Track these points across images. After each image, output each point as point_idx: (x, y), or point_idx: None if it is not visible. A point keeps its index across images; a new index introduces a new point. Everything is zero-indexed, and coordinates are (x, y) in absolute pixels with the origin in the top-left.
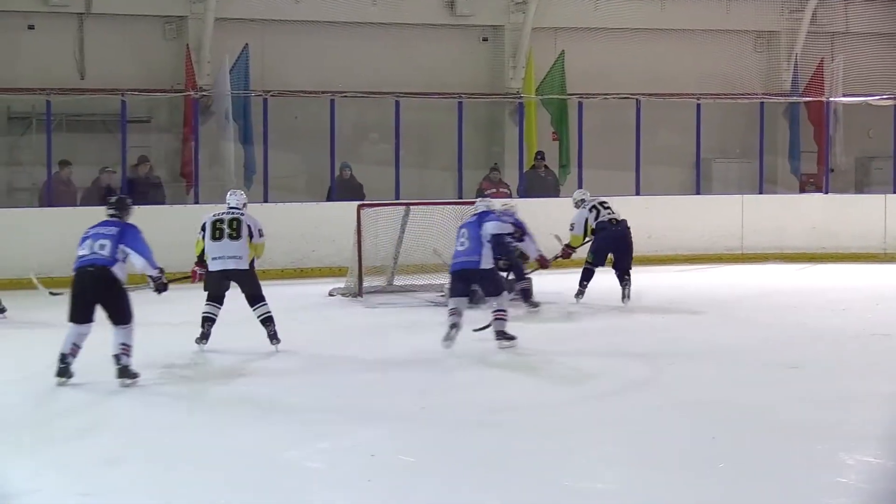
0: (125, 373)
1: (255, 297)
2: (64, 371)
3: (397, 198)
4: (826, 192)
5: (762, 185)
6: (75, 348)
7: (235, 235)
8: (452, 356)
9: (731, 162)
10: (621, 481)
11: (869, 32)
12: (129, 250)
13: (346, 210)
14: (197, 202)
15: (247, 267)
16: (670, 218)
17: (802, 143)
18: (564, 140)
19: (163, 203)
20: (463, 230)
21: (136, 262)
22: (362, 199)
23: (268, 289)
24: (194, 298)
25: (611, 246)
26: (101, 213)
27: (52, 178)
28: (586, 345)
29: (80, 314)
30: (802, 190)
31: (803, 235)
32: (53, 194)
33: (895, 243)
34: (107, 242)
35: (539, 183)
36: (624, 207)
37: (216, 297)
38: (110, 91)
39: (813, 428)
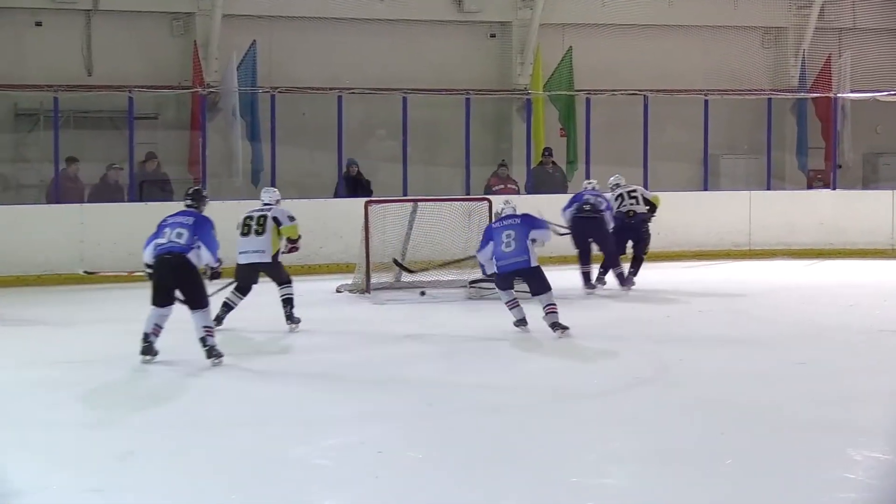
0: (212, 352)
1: (281, 281)
2: (147, 349)
3: (405, 194)
4: (834, 188)
5: (770, 181)
6: (157, 328)
7: (261, 231)
8: (459, 352)
9: (739, 158)
10: (629, 478)
11: (876, 28)
12: (200, 242)
13: (353, 206)
14: None
15: (269, 260)
16: (678, 214)
17: (810, 139)
18: (572, 136)
19: (170, 200)
20: (508, 231)
21: (203, 253)
22: (370, 196)
23: (274, 286)
24: None
25: (621, 237)
26: (108, 209)
27: (60, 175)
28: (593, 341)
29: (161, 298)
30: (810, 186)
31: (811, 231)
32: (60, 191)
33: None
34: (184, 231)
35: (547, 179)
36: None
37: (242, 289)
38: (118, 87)
39: (820, 424)
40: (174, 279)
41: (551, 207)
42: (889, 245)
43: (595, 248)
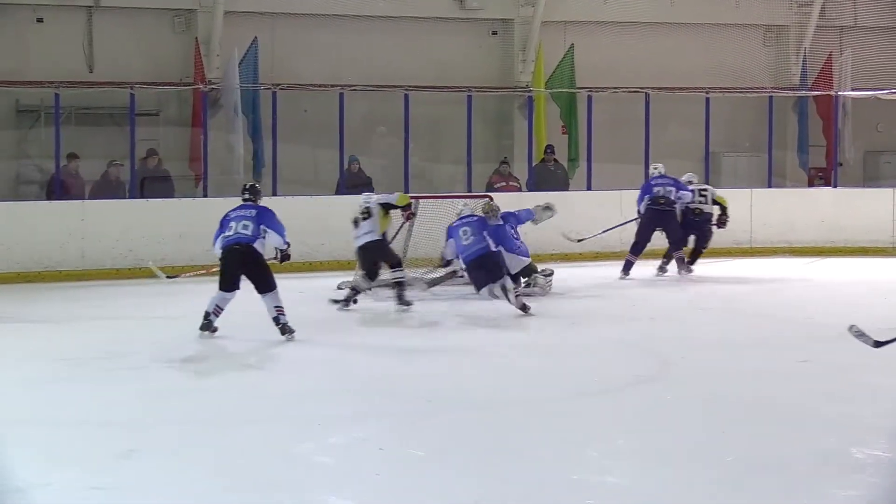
0: (286, 329)
1: (393, 265)
2: (206, 326)
3: (406, 191)
4: (835, 186)
5: (771, 178)
6: (218, 309)
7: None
8: (460, 349)
9: (740, 156)
10: (631, 475)
11: (878, 26)
12: (267, 228)
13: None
14: (206, 195)
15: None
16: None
17: (811, 137)
18: (573, 134)
19: (172, 196)
20: (465, 228)
21: (273, 238)
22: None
23: (277, 282)
24: (199, 293)
25: (686, 231)
26: (109, 205)
27: (60, 172)
28: (595, 338)
29: (228, 284)
30: (811, 184)
31: (812, 229)
32: (61, 187)
33: None
34: (249, 223)
35: (548, 176)
36: (632, 201)
37: (370, 273)
38: (119, 84)
39: (822, 422)
40: (243, 267)
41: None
42: (890, 243)
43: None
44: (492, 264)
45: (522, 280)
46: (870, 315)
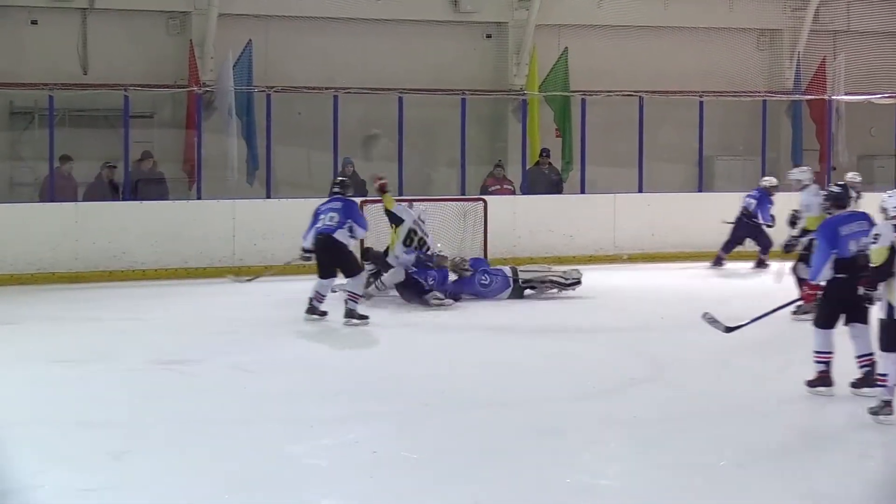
0: (351, 314)
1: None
2: (312, 310)
3: (400, 194)
4: None
5: None
6: (319, 295)
7: None
8: (454, 353)
9: (734, 159)
10: (625, 478)
11: (871, 31)
12: (351, 221)
13: None
14: (199, 198)
15: None
16: (673, 215)
17: (805, 141)
18: (567, 137)
19: (166, 198)
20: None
21: (357, 231)
22: (365, 196)
23: (271, 285)
24: (190, 294)
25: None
26: (103, 207)
27: (54, 173)
28: (589, 342)
29: (323, 272)
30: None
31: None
32: (55, 189)
33: None
34: (335, 215)
35: (543, 179)
36: (626, 205)
37: None
38: (113, 86)
39: (816, 426)
40: (327, 255)
41: (546, 207)
42: None
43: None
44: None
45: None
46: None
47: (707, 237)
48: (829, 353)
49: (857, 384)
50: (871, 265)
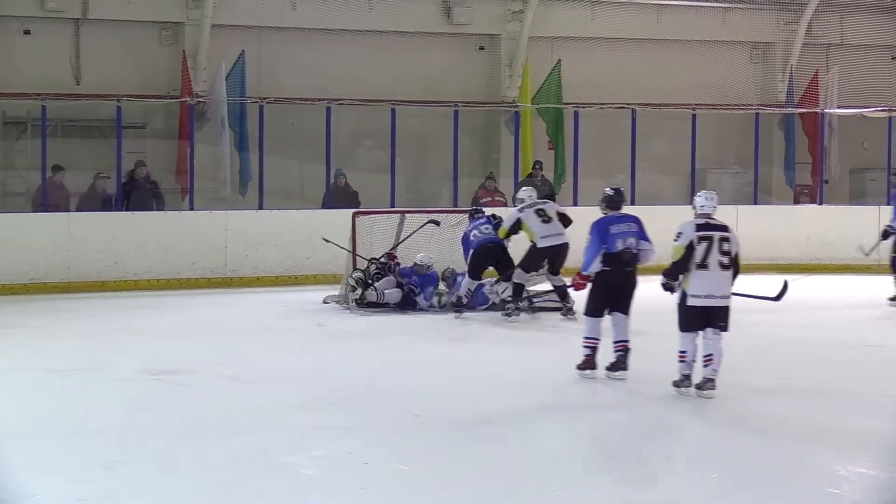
0: (508, 312)
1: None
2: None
3: (392, 205)
4: (820, 204)
5: (757, 195)
6: (469, 292)
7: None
8: (445, 363)
9: (726, 172)
10: (616, 489)
11: (864, 44)
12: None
13: (341, 217)
14: (192, 208)
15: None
16: (665, 228)
17: (797, 155)
18: (560, 149)
19: (162, 208)
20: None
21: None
22: (357, 207)
23: (262, 296)
24: (184, 306)
25: None
26: (95, 217)
27: (46, 184)
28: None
29: (477, 274)
30: (797, 201)
31: (797, 246)
32: (47, 199)
33: (887, 255)
34: (489, 227)
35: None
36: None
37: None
38: (106, 96)
39: (806, 438)
40: (492, 259)
41: None
42: (875, 261)
43: None
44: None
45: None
46: (854, 332)
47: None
48: (596, 339)
49: (610, 367)
50: (672, 260)
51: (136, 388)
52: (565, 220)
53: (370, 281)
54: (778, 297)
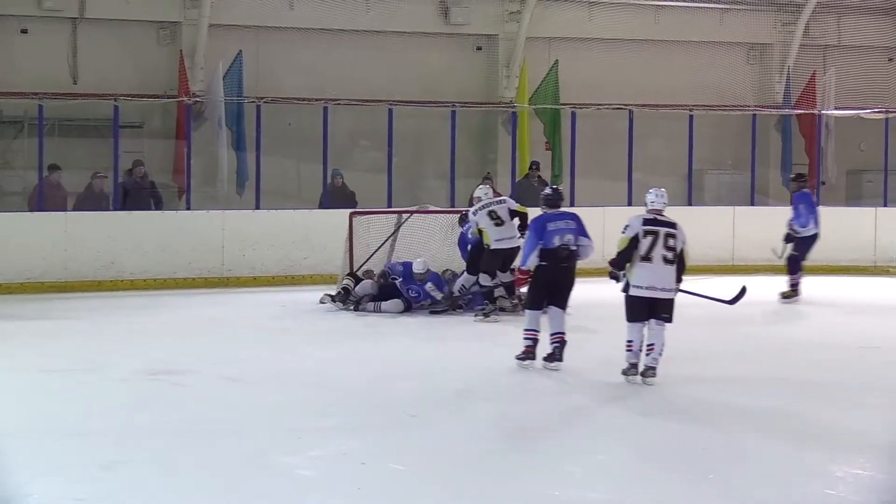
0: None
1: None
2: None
3: (389, 206)
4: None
5: (754, 196)
6: (464, 289)
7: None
8: (442, 364)
9: (723, 173)
10: (612, 491)
11: (861, 45)
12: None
13: (338, 217)
14: (189, 208)
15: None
16: None
17: (794, 156)
18: (557, 150)
19: (158, 209)
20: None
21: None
22: (354, 207)
23: (259, 296)
24: (181, 306)
25: None
26: (92, 217)
27: (43, 183)
28: (576, 354)
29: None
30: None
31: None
32: (44, 199)
33: (885, 256)
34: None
35: (532, 192)
36: (615, 218)
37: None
38: (103, 96)
39: (803, 439)
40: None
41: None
42: (871, 262)
43: None
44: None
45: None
46: (851, 333)
47: (696, 251)
48: (536, 331)
49: (547, 358)
50: (617, 250)
51: (133, 389)
52: (521, 216)
53: (352, 296)
54: (732, 301)
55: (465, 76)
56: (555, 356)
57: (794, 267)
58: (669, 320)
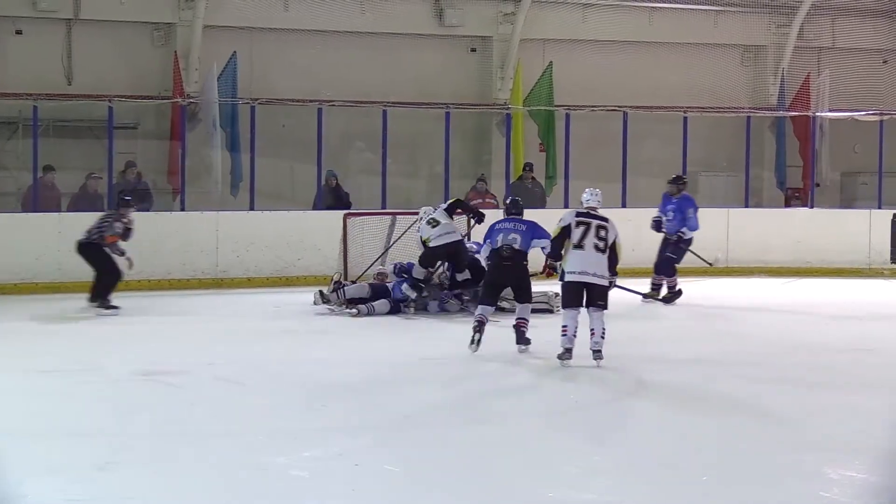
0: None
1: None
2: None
3: (384, 207)
4: (811, 207)
5: (748, 198)
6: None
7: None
8: (436, 366)
9: (717, 175)
10: (607, 492)
11: (856, 48)
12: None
13: (332, 219)
14: (183, 209)
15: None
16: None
17: (788, 158)
18: (551, 151)
19: (152, 209)
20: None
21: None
22: (348, 208)
23: (253, 297)
24: (176, 307)
25: None
26: (86, 218)
27: (37, 184)
28: (573, 357)
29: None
30: (788, 204)
31: (788, 250)
32: (38, 200)
33: (879, 258)
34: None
35: (526, 194)
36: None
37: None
38: (98, 97)
39: (797, 441)
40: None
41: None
42: (866, 264)
43: None
44: None
45: None
46: (845, 336)
47: (689, 254)
48: (480, 320)
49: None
50: (551, 238)
51: (128, 389)
52: (453, 204)
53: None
54: (665, 299)
55: (459, 78)
56: (518, 340)
57: (670, 269)
58: (605, 307)
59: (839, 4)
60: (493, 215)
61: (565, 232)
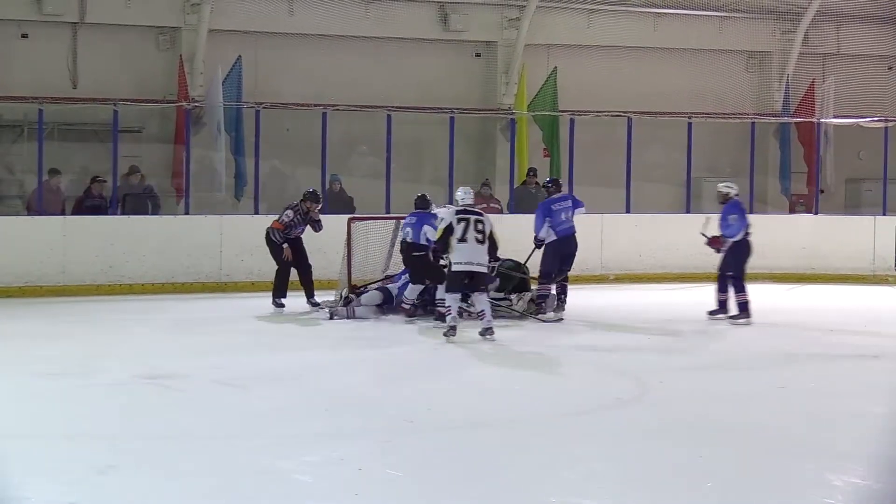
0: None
1: None
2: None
3: (387, 211)
4: (816, 213)
5: (752, 204)
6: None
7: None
8: (439, 370)
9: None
10: (608, 498)
11: (860, 54)
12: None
13: (336, 223)
14: (187, 213)
15: None
16: (660, 236)
17: (793, 164)
18: (555, 156)
19: (156, 213)
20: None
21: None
22: (352, 213)
23: (257, 301)
24: (178, 310)
25: None
26: (90, 221)
27: (42, 187)
28: (574, 361)
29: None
30: (792, 210)
31: (792, 256)
32: (43, 203)
33: (884, 265)
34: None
35: (530, 199)
36: (614, 225)
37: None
38: (102, 100)
39: (800, 448)
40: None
41: (532, 226)
42: (870, 271)
43: None
44: None
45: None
46: (849, 342)
47: (694, 258)
48: (416, 306)
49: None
50: (435, 239)
51: (130, 393)
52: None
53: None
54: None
55: (463, 82)
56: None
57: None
58: (486, 290)
59: (844, 11)
60: (496, 221)
61: (448, 230)
